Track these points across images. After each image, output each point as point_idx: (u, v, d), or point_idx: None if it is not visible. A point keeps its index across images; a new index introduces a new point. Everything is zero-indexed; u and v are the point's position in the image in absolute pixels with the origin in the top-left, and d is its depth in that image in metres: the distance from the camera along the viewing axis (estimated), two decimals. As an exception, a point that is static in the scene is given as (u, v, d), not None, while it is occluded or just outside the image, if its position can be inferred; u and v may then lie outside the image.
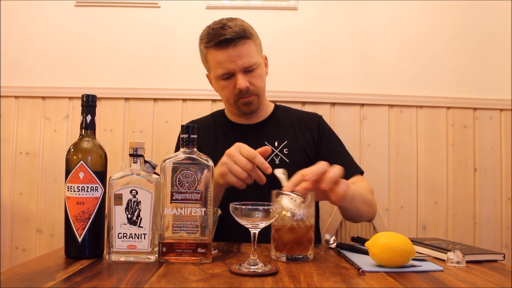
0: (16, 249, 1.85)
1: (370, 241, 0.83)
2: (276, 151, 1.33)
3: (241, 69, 1.25)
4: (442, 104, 1.87)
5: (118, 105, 1.88)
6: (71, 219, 0.85)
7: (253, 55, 1.26)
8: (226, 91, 1.30)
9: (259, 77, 1.29)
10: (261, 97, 1.32)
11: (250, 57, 1.25)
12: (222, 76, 1.27)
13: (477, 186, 1.86)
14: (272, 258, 0.89)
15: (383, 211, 1.83)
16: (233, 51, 1.23)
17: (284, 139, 1.35)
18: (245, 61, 1.24)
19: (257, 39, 1.32)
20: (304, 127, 1.39)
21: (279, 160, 1.32)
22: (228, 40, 1.22)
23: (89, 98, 0.89)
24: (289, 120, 1.41)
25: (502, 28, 1.90)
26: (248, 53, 1.25)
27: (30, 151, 1.87)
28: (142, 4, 1.91)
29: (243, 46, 1.24)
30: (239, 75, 1.25)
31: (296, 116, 1.42)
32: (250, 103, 1.30)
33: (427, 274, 0.78)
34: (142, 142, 0.88)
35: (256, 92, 1.30)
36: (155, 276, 0.73)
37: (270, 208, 0.79)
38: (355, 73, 1.89)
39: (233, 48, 1.22)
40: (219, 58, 1.25)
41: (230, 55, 1.23)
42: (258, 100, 1.32)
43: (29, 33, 1.91)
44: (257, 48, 1.31)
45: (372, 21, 1.90)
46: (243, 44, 1.24)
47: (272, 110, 1.43)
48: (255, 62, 1.26)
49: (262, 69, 1.32)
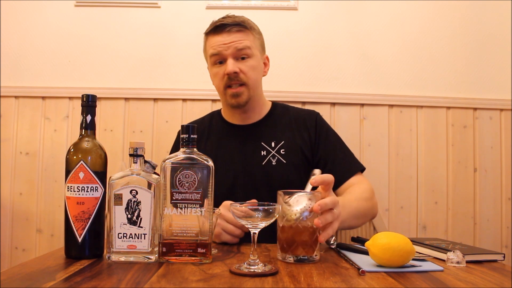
0: (16, 249, 1.85)
1: (370, 241, 0.83)
2: (273, 152, 1.31)
3: (232, 54, 1.25)
4: (442, 104, 1.87)
5: (118, 105, 1.88)
6: (71, 219, 0.85)
7: (247, 44, 1.26)
8: (217, 78, 1.30)
9: (251, 68, 1.28)
10: (251, 90, 1.29)
11: (244, 44, 1.26)
12: (212, 57, 1.28)
13: (477, 186, 1.86)
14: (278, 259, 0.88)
15: (383, 211, 1.83)
16: (227, 36, 1.25)
17: (281, 139, 1.33)
18: (237, 45, 1.25)
19: (257, 33, 1.33)
20: (302, 125, 1.37)
21: (276, 161, 1.30)
22: (224, 25, 1.25)
23: (89, 98, 0.89)
24: (287, 118, 1.39)
25: (502, 28, 1.90)
26: (242, 41, 1.26)
27: (30, 151, 1.87)
28: (142, 4, 1.91)
29: (238, 33, 1.26)
30: (229, 59, 1.25)
31: (293, 115, 1.40)
32: (238, 95, 1.28)
33: (427, 274, 0.78)
34: (142, 142, 0.88)
35: (245, 81, 1.27)
36: (155, 276, 0.73)
37: (270, 208, 0.79)
38: (355, 73, 1.89)
39: (228, 33, 1.25)
40: (212, 42, 1.27)
41: (223, 39, 1.25)
42: (248, 93, 1.29)
43: (29, 33, 1.91)
44: (256, 42, 1.31)
45: (372, 21, 1.90)
46: (238, 31, 1.26)
47: (269, 110, 1.41)
48: (248, 46, 1.26)
49: (257, 62, 1.30)
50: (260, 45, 1.34)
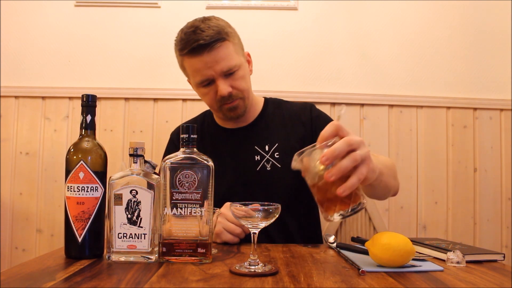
0: (16, 249, 1.85)
1: (370, 241, 0.83)
2: (267, 156, 1.25)
3: (221, 74, 1.16)
4: (442, 104, 1.87)
5: (118, 105, 1.88)
6: (71, 219, 0.85)
7: (232, 57, 1.17)
8: (208, 98, 1.22)
9: (241, 79, 1.20)
10: (246, 100, 1.24)
11: (229, 60, 1.16)
12: (202, 83, 1.19)
13: (477, 186, 1.86)
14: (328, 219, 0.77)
15: (383, 211, 1.83)
16: (209, 57, 1.14)
17: (275, 141, 1.27)
18: (223, 65, 1.15)
19: (235, 37, 1.21)
20: (296, 121, 1.30)
21: (270, 166, 1.24)
22: (202, 45, 1.13)
23: (89, 98, 0.89)
24: (280, 117, 1.32)
25: (502, 28, 1.90)
26: (226, 56, 1.15)
27: (30, 151, 1.87)
28: (142, 4, 1.91)
29: (220, 49, 1.14)
30: (219, 80, 1.16)
31: (287, 111, 1.33)
32: (235, 108, 1.22)
33: (427, 274, 0.78)
34: (142, 142, 0.88)
35: (241, 96, 1.21)
36: (155, 276, 0.73)
37: (270, 208, 0.79)
38: (355, 73, 1.89)
39: (209, 53, 1.13)
40: (195, 65, 1.17)
41: (206, 61, 1.14)
42: (244, 103, 1.23)
43: (29, 33, 1.91)
44: (236, 47, 1.20)
45: (372, 21, 1.90)
46: (219, 47, 1.14)
47: (262, 108, 1.34)
48: (234, 64, 1.17)
49: (244, 70, 1.22)
50: (240, 47, 1.24)
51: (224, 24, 1.20)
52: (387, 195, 1.13)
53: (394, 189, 1.12)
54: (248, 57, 1.30)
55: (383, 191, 1.06)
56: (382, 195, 1.11)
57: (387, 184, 0.99)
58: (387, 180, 0.98)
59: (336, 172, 0.71)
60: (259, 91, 1.46)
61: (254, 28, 1.91)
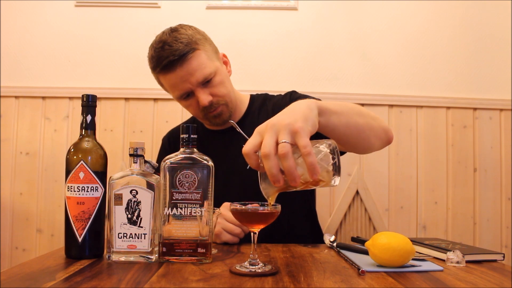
0: (16, 249, 1.85)
1: (370, 241, 0.83)
2: None
3: (198, 85, 1.15)
4: (442, 104, 1.87)
5: (118, 105, 1.88)
6: (71, 219, 0.85)
7: (206, 65, 1.15)
8: (191, 109, 1.23)
9: (220, 85, 1.19)
10: (230, 103, 1.23)
11: (202, 69, 1.14)
12: (181, 97, 1.19)
13: (477, 186, 1.86)
14: None
15: (383, 211, 1.83)
16: (182, 70, 1.13)
17: None
18: (198, 76, 1.14)
19: (205, 44, 1.19)
20: None
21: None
22: (172, 61, 1.12)
23: (89, 98, 0.89)
24: (265, 112, 1.30)
25: (502, 28, 1.90)
26: (199, 66, 1.14)
27: (30, 151, 1.87)
28: (142, 4, 1.91)
29: (191, 60, 1.13)
30: (197, 91, 1.16)
31: (271, 105, 1.31)
32: (220, 115, 1.22)
33: (427, 274, 0.78)
34: (142, 142, 0.88)
35: (222, 102, 1.20)
36: (155, 276, 0.73)
37: (270, 208, 0.79)
38: (355, 73, 1.90)
39: (181, 67, 1.13)
40: (171, 81, 1.16)
41: (180, 75, 1.13)
42: (227, 108, 1.22)
43: (29, 33, 1.91)
44: (208, 54, 1.18)
45: (372, 21, 1.91)
46: (190, 58, 1.13)
47: (247, 108, 1.33)
48: (210, 72, 1.15)
49: (221, 75, 1.20)
50: (213, 52, 1.22)
51: (192, 32, 1.17)
52: (370, 139, 1.00)
53: (369, 127, 0.98)
54: (225, 57, 1.29)
55: (353, 132, 0.94)
56: (361, 139, 0.98)
57: (349, 123, 0.91)
58: (347, 119, 0.90)
59: (293, 177, 0.70)
60: (259, 91, 1.46)
61: (254, 28, 1.91)
